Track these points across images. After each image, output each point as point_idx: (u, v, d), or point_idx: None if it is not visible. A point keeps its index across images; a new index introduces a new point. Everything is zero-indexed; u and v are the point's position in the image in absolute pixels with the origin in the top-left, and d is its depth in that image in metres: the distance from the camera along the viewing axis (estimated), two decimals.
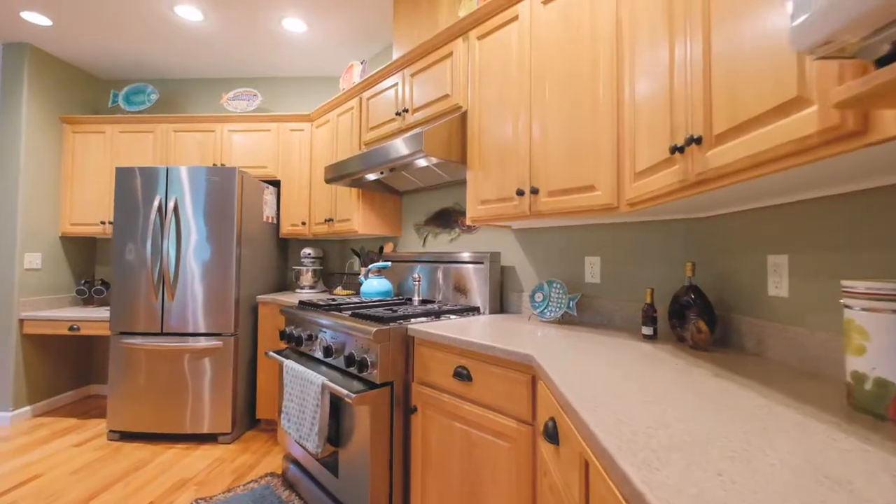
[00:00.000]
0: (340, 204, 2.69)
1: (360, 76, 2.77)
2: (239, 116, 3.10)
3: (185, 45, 3.08)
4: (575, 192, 1.42)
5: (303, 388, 1.75)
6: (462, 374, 1.37)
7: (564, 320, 1.74)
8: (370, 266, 2.43)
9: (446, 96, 1.95)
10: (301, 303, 2.20)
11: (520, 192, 1.57)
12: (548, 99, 1.50)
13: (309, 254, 3.10)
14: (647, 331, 1.39)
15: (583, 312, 1.73)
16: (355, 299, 2.32)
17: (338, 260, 3.43)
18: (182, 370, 2.57)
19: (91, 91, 3.50)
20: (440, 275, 2.24)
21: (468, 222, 1.83)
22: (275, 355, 2.06)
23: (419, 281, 2.20)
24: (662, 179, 1.03)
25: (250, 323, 2.79)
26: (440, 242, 2.46)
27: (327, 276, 3.42)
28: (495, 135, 1.70)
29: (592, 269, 1.73)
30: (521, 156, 1.59)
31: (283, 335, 2.11)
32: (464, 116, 1.86)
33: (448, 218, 2.39)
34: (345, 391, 1.50)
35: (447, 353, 1.45)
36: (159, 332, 2.59)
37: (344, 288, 3.01)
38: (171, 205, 2.60)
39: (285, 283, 3.38)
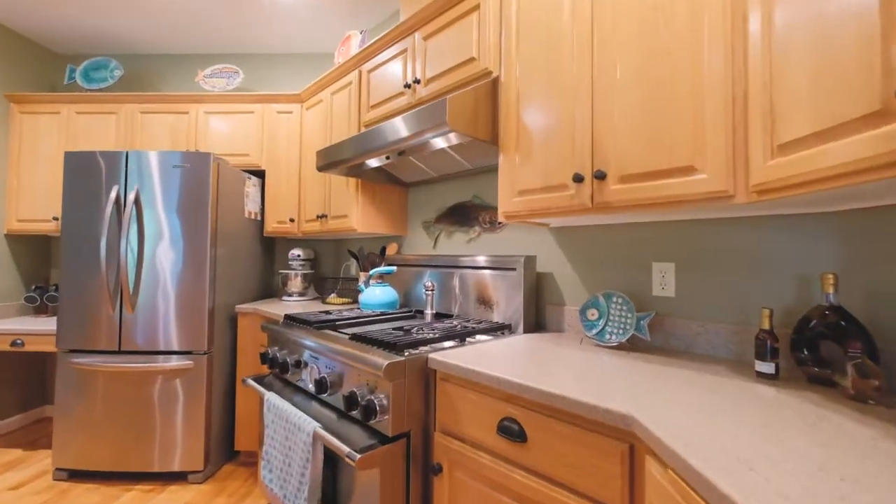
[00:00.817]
0: (335, 197, 2.28)
1: (358, 47, 2.36)
2: (217, 96, 2.67)
3: (155, 15, 2.64)
4: (661, 175, 1.04)
5: (289, 434, 1.35)
6: (511, 430, 0.98)
7: (631, 345, 1.35)
8: (371, 271, 2.02)
9: (471, 60, 1.55)
10: (287, 317, 1.79)
11: (578, 178, 1.18)
12: (618, 46, 1.12)
13: (298, 255, 2.68)
14: (764, 367, 1.00)
15: (653, 334, 1.35)
16: (353, 312, 1.91)
17: (331, 262, 3.01)
18: (145, 396, 2.14)
19: (44, 67, 3.04)
20: (457, 282, 1.85)
21: (501, 219, 1.44)
22: (254, 384, 1.65)
23: (432, 290, 1.81)
24: (854, 149, 0.65)
25: (228, 338, 2.36)
26: (455, 243, 2.06)
27: (319, 281, 3.00)
28: (541, 105, 1.31)
29: (664, 279, 1.34)
30: (578, 129, 1.21)
31: (265, 358, 1.70)
32: (495, 84, 1.47)
33: (465, 214, 2.00)
34: (346, 448, 1.09)
35: (487, 397, 1.06)
36: (117, 350, 2.16)
37: (339, 295, 2.60)
38: (131, 196, 2.16)
39: (270, 288, 2.96)
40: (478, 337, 1.48)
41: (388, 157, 1.78)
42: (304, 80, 3.09)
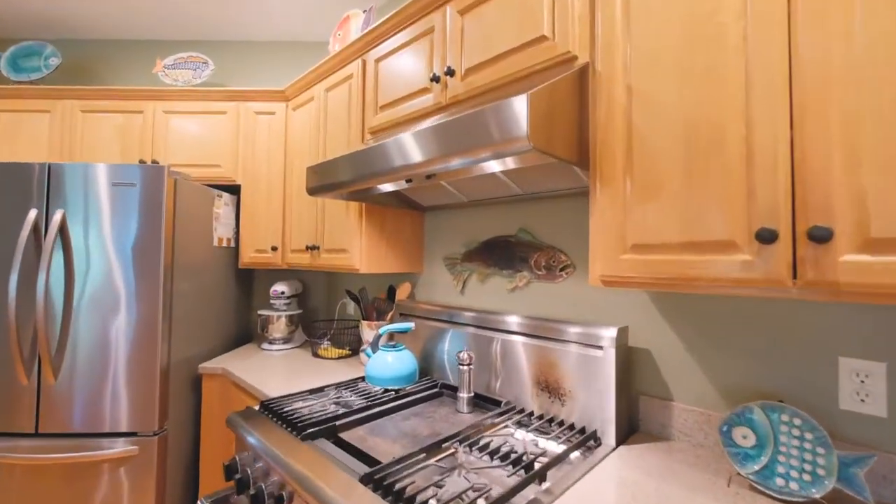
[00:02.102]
0: (332, 225, 1.74)
1: (361, 30, 1.84)
2: (180, 91, 2.12)
3: None
4: None
5: None
6: None
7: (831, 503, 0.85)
8: (381, 329, 1.50)
9: (540, 40, 1.04)
10: (264, 407, 1.25)
11: (765, 236, 0.68)
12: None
13: (282, 293, 2.14)
14: None
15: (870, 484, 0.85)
16: (358, 398, 1.38)
17: (322, 297, 2.47)
18: (76, 496, 1.58)
19: None
20: (498, 349, 1.34)
21: (597, 282, 0.93)
22: None
23: (469, 365, 1.29)
24: None
25: (188, 408, 1.81)
26: (492, 291, 1.55)
27: (308, 323, 2.46)
28: (679, 111, 0.80)
29: (864, 387, 0.85)
30: (761, 151, 0.70)
31: (230, 473, 1.16)
32: (581, 77, 0.96)
33: (508, 254, 1.48)
34: None
35: None
36: (34, 432, 1.60)
37: (334, 344, 2.07)
38: (54, 222, 1.60)
39: (247, 331, 2.40)
40: (572, 459, 0.96)
41: (408, 181, 1.26)
42: (290, 74, 2.54)
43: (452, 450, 1.00)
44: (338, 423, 1.13)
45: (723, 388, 1.03)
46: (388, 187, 1.34)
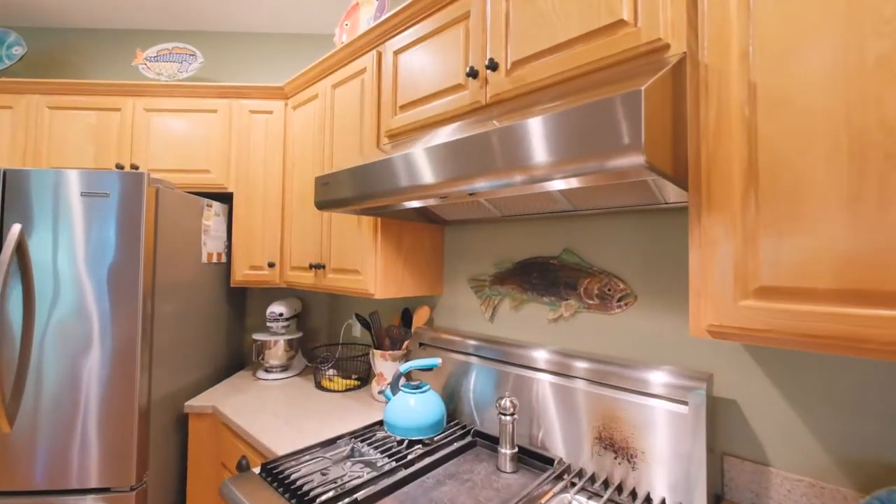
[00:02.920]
0: (340, 240, 1.52)
1: (374, 18, 1.62)
2: (164, 87, 1.88)
3: None
4: None
5: None
6: None
7: None
8: (402, 368, 1.28)
9: (616, 26, 0.84)
10: (266, 470, 1.03)
11: None
12: None
13: (280, 315, 1.91)
14: None
15: None
16: (378, 454, 1.17)
17: (325, 316, 2.25)
18: None
19: None
20: (542, 393, 1.13)
21: (701, 333, 0.73)
22: None
23: (513, 414, 1.08)
24: None
25: (173, 454, 1.57)
26: (528, 320, 1.34)
27: (308, 349, 2.23)
28: (838, 116, 0.60)
29: None
30: None
31: None
32: (677, 72, 0.76)
33: (551, 277, 1.28)
34: None
35: None
36: None
37: (339, 373, 1.84)
38: (10, 237, 1.35)
39: (240, 356, 2.16)
40: None
41: (443, 198, 1.05)
42: (290, 69, 2.31)
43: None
44: (359, 496, 0.91)
45: (843, 458, 0.83)
46: (415, 203, 1.12)
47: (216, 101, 1.89)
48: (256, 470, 1.05)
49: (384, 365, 1.57)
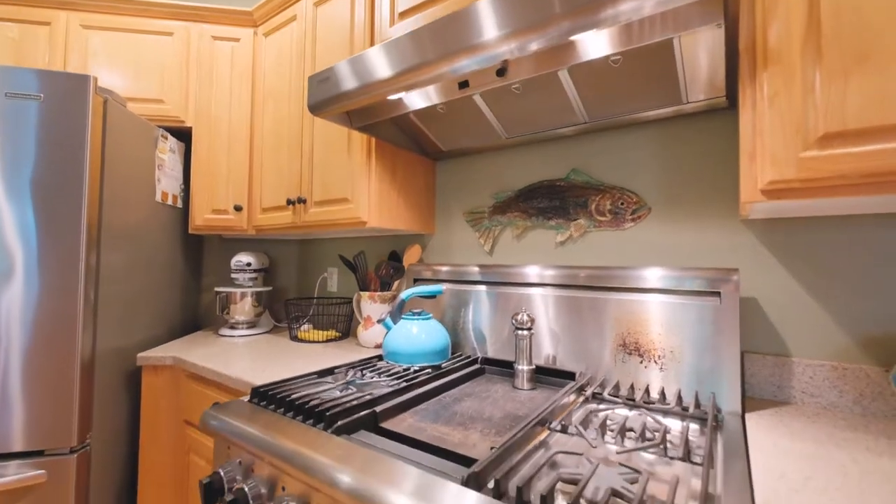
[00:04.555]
0: (325, 169, 1.38)
1: None
2: (107, 4, 1.62)
3: None
4: None
5: None
6: None
7: None
8: (404, 295, 1.18)
9: None
10: (262, 396, 0.88)
11: None
12: None
13: (248, 264, 1.72)
14: None
15: None
16: (386, 378, 1.05)
17: (293, 275, 2.06)
18: None
19: None
20: (554, 311, 1.08)
21: (756, 196, 0.70)
22: None
23: (529, 329, 1.01)
24: None
25: (122, 414, 1.35)
26: (532, 247, 1.29)
27: (275, 304, 2.03)
28: None
29: None
30: None
31: (213, 494, 0.77)
32: None
33: (558, 200, 1.23)
34: None
35: None
36: None
37: (316, 326, 1.69)
38: None
39: (197, 316, 1.92)
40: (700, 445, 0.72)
41: (463, 86, 0.95)
42: None
43: (549, 432, 0.72)
44: (377, 409, 0.80)
45: (865, 337, 0.85)
46: (431, 93, 1.02)
47: (172, 24, 1.66)
48: (244, 398, 0.90)
49: (372, 307, 1.45)
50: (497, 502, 0.51)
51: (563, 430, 0.72)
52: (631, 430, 0.73)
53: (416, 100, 1.05)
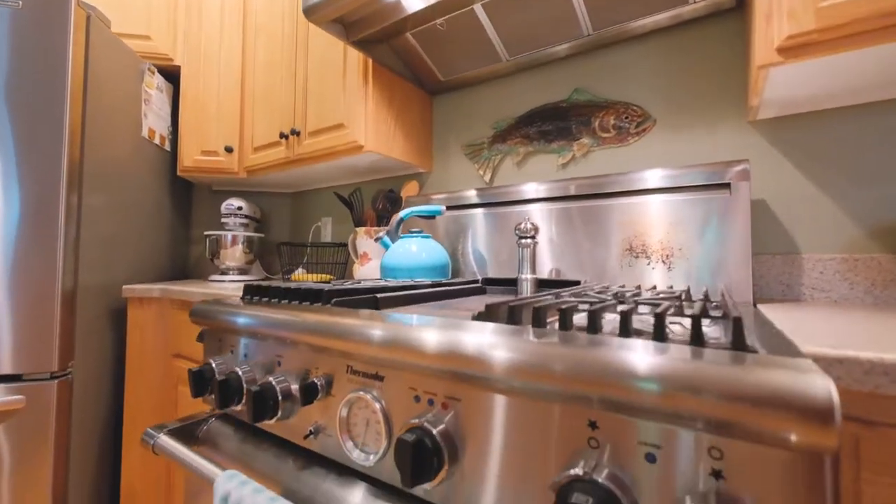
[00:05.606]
0: (319, 96, 1.34)
1: None
2: None
3: None
4: None
5: None
6: None
7: None
8: (403, 213, 1.14)
9: None
10: (249, 290, 0.84)
11: None
12: None
13: (239, 209, 1.67)
14: None
15: None
16: (385, 284, 1.02)
17: (285, 227, 2.01)
18: None
19: None
20: (557, 226, 1.05)
21: (771, 56, 0.68)
22: (172, 447, 0.69)
23: (533, 237, 0.98)
24: None
25: (107, 345, 1.29)
26: (533, 172, 1.26)
27: (267, 256, 1.98)
28: None
29: None
30: None
31: (200, 382, 0.73)
32: None
33: (560, 121, 1.21)
34: None
35: None
36: None
37: (308, 271, 1.64)
38: None
39: (184, 264, 1.86)
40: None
41: None
42: None
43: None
44: (379, 295, 0.76)
45: (875, 226, 0.84)
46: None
47: None
48: (240, 293, 0.85)
49: (368, 244, 1.41)
50: (516, 327, 0.48)
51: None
52: (644, 304, 0.70)
53: (409, 4, 1.01)
